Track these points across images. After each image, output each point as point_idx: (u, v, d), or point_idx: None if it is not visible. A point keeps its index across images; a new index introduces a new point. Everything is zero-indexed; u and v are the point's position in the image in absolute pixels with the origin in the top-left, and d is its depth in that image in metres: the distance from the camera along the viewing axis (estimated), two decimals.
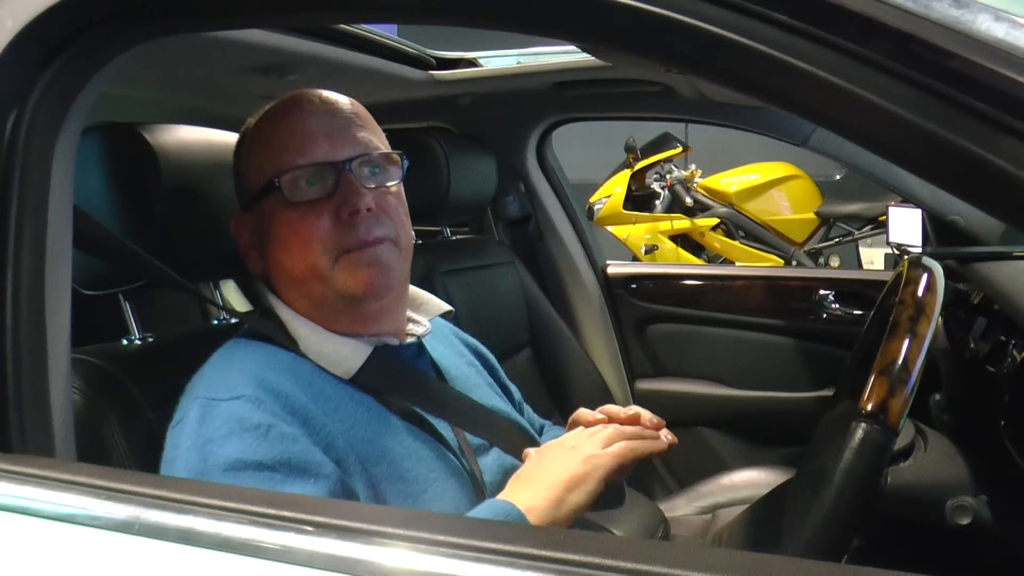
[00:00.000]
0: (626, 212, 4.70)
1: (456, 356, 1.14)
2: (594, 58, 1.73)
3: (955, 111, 0.52)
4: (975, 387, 1.33)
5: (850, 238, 4.64)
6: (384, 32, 1.70)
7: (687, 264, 4.26)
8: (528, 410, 1.28)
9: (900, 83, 0.53)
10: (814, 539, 0.81)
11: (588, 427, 0.96)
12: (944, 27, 0.52)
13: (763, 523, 1.25)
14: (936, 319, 0.92)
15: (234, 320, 1.15)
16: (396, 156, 0.99)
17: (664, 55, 0.66)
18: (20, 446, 0.76)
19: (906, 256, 1.24)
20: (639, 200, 4.83)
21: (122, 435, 0.93)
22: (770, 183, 4.86)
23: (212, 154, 1.08)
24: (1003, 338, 1.29)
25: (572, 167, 2.39)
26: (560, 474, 0.86)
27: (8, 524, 0.68)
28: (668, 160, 4.86)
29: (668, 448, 0.94)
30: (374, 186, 0.95)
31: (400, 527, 0.59)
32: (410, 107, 2.03)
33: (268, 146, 0.96)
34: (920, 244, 1.78)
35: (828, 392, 1.94)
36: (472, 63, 1.95)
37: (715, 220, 4.78)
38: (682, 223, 4.70)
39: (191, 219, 1.04)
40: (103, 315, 1.05)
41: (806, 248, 4.78)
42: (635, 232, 4.63)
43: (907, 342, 0.85)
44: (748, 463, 1.94)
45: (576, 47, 1.74)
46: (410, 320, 1.07)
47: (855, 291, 2.03)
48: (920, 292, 0.95)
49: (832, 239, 4.75)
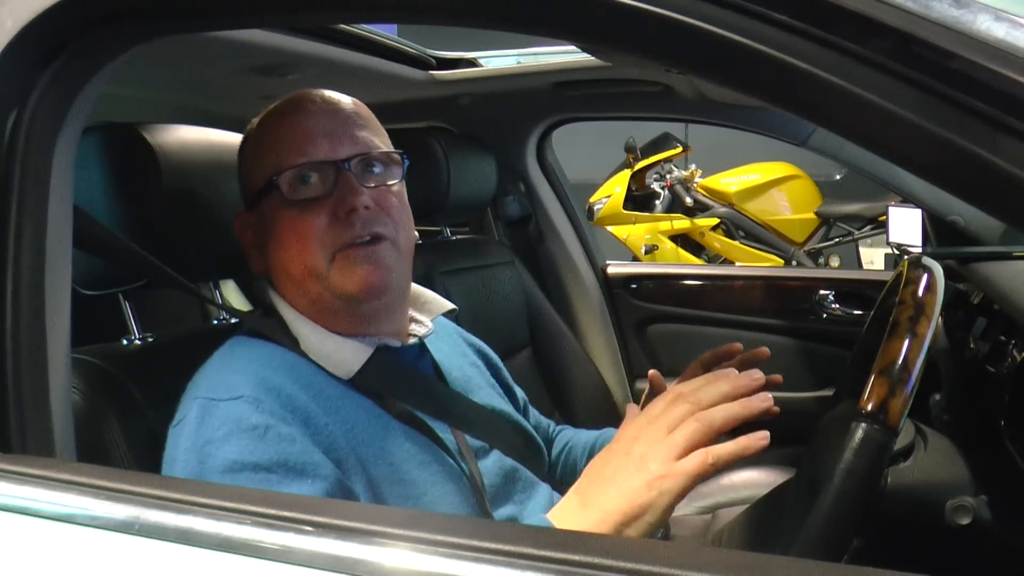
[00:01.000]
0: (626, 212, 4.70)
1: (458, 356, 1.13)
2: (594, 58, 1.74)
3: (955, 111, 0.52)
4: (975, 387, 1.33)
5: (850, 238, 4.63)
6: (384, 32, 1.70)
7: (687, 264, 4.26)
8: (534, 412, 1.27)
9: (900, 83, 0.53)
10: (814, 539, 0.81)
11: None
12: (944, 27, 0.52)
13: (763, 523, 1.25)
14: (936, 319, 0.92)
15: (234, 320, 1.15)
16: (397, 155, 0.98)
17: (664, 55, 0.66)
18: (20, 446, 0.76)
19: (906, 256, 1.24)
20: (639, 200, 4.83)
21: (122, 435, 0.93)
22: (770, 183, 4.86)
23: (212, 154, 1.08)
24: (1003, 338, 1.29)
25: (572, 167, 2.40)
26: (618, 502, 0.72)
27: (8, 524, 0.68)
28: (668, 160, 4.86)
29: (771, 411, 0.77)
30: (374, 185, 0.95)
31: (400, 527, 0.59)
32: (410, 107, 2.03)
33: (269, 145, 0.96)
34: (920, 244, 1.78)
35: (828, 392, 1.95)
36: (472, 63, 1.95)
37: (715, 220, 4.78)
38: (682, 223, 4.70)
39: (191, 219, 1.04)
40: (103, 315, 1.05)
41: (806, 248, 4.78)
42: (635, 232, 4.63)
43: (907, 342, 0.85)
44: (748, 463, 1.93)
45: (576, 47, 1.74)
46: (412, 320, 1.06)
47: (855, 291, 2.03)
48: (920, 292, 0.95)
49: (832, 239, 4.75)
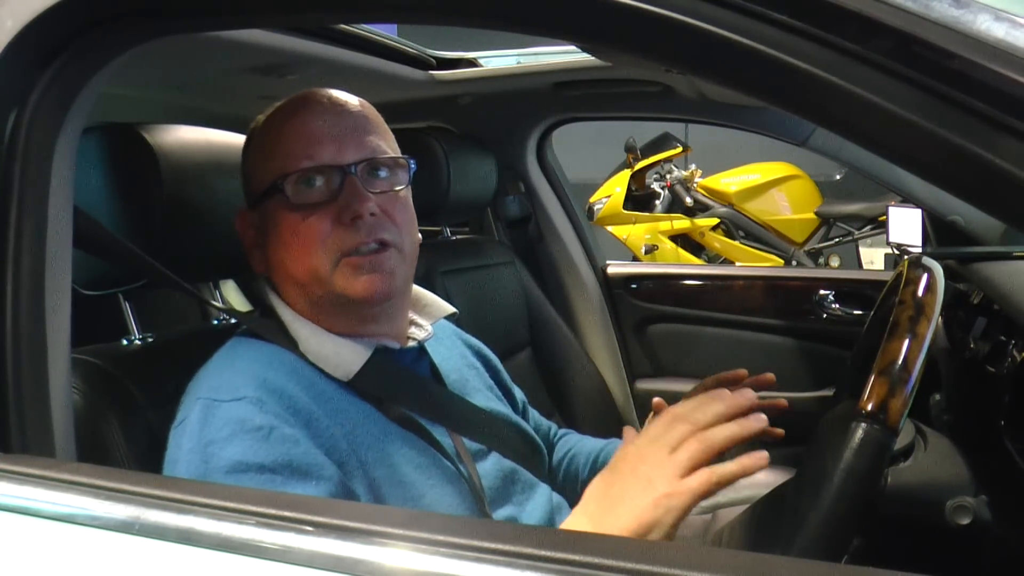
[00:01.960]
0: (626, 212, 4.70)
1: (457, 359, 1.13)
2: (594, 58, 1.74)
3: (955, 111, 0.52)
4: (975, 387, 1.33)
5: (850, 238, 4.63)
6: (384, 32, 1.70)
7: (687, 264, 4.26)
8: (533, 413, 1.27)
9: (900, 83, 0.53)
10: (814, 539, 0.81)
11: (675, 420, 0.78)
12: (944, 27, 0.52)
13: (763, 523, 1.25)
14: (936, 319, 0.92)
15: (234, 320, 1.15)
16: (404, 160, 0.98)
17: (664, 55, 0.66)
18: (20, 446, 0.76)
19: (906, 256, 1.24)
20: (639, 200, 4.83)
21: (122, 435, 0.93)
22: (770, 183, 4.86)
23: (212, 154, 1.08)
24: (1003, 338, 1.29)
25: (572, 167, 2.39)
26: (626, 520, 0.73)
27: (8, 524, 0.68)
28: (668, 160, 4.86)
29: (756, 429, 0.78)
30: (379, 191, 0.94)
31: (400, 527, 0.59)
32: (410, 107, 2.03)
33: (274, 146, 0.95)
34: (920, 244, 1.78)
35: (828, 392, 1.94)
36: (472, 63, 1.95)
37: (715, 220, 4.78)
38: (682, 223, 4.70)
39: (191, 219, 1.04)
40: (103, 315, 1.05)
41: (806, 248, 4.78)
42: (635, 232, 4.63)
43: (907, 342, 0.85)
44: None
45: (576, 47, 1.74)
46: (412, 323, 1.06)
47: (855, 291, 2.03)
48: (920, 292, 0.95)
49: (832, 239, 4.75)
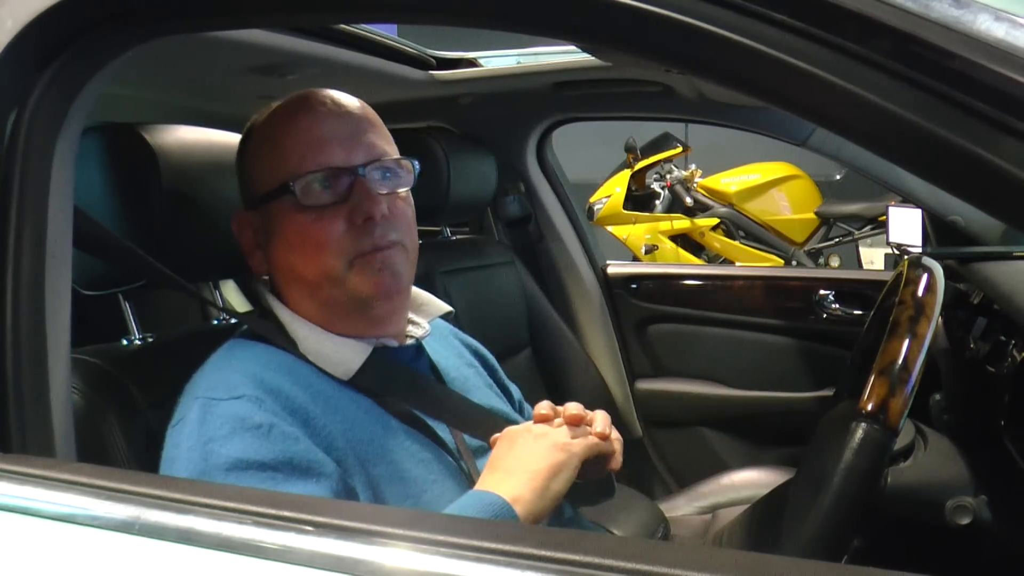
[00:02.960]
0: (626, 212, 4.69)
1: (455, 357, 1.14)
2: (594, 58, 1.73)
3: (955, 111, 0.52)
4: (975, 387, 1.33)
5: (850, 238, 4.64)
6: (384, 32, 1.70)
7: (687, 264, 4.26)
8: (529, 410, 1.27)
9: (900, 83, 0.53)
10: (814, 539, 0.81)
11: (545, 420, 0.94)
12: (944, 27, 0.52)
13: (763, 523, 1.26)
14: (936, 319, 0.92)
15: (233, 320, 1.15)
16: (408, 162, 0.98)
17: (664, 55, 0.66)
18: (20, 446, 0.76)
19: (906, 256, 1.24)
20: (639, 200, 4.83)
21: (122, 435, 0.93)
22: (770, 183, 4.86)
23: (212, 154, 1.08)
24: (1003, 338, 1.29)
25: (572, 167, 2.39)
26: (539, 462, 0.85)
27: (8, 524, 0.68)
28: (668, 160, 4.86)
29: (616, 460, 0.94)
30: (386, 192, 0.95)
31: (400, 527, 0.59)
32: (410, 107, 2.03)
33: (280, 148, 0.95)
34: (920, 244, 1.78)
35: (828, 392, 1.94)
36: (472, 63, 1.94)
37: (715, 220, 4.78)
38: (682, 223, 4.70)
39: (191, 219, 1.04)
40: (103, 315, 1.05)
41: (806, 248, 4.78)
42: (635, 232, 4.63)
43: (907, 342, 0.86)
44: (748, 463, 1.94)
45: (576, 47, 1.74)
46: (410, 322, 1.06)
47: (855, 291, 2.03)
48: (920, 292, 0.95)
49: (832, 239, 4.75)
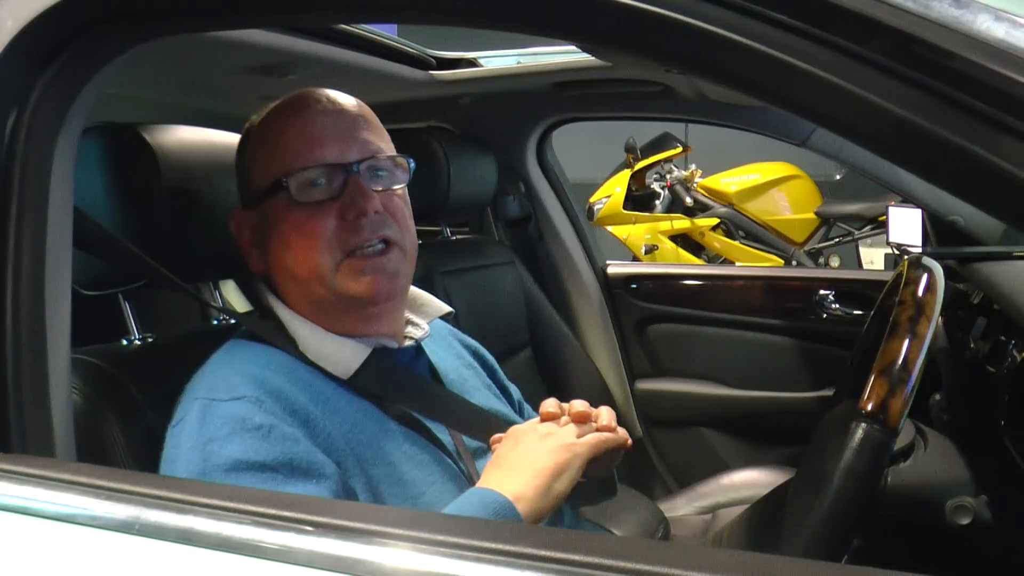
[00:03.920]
0: (626, 212, 4.69)
1: (454, 359, 1.13)
2: (594, 58, 1.73)
3: (955, 111, 0.52)
4: (975, 387, 1.33)
5: (850, 238, 4.63)
6: (384, 32, 1.70)
7: (687, 264, 4.26)
8: (529, 411, 1.27)
9: (900, 83, 0.53)
10: (814, 539, 0.81)
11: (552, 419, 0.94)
12: (944, 27, 0.52)
13: (763, 523, 1.26)
14: (936, 319, 0.92)
15: (233, 320, 1.15)
16: (403, 160, 0.99)
17: (664, 55, 0.66)
18: (20, 446, 0.76)
19: (906, 256, 1.24)
20: (639, 200, 4.83)
21: (122, 435, 0.93)
22: (770, 183, 4.86)
23: (212, 154, 1.08)
24: (1003, 338, 1.28)
25: (572, 167, 2.39)
26: (543, 462, 0.85)
27: (8, 524, 0.68)
28: (668, 160, 4.86)
29: (628, 444, 0.93)
30: (381, 189, 0.95)
31: (400, 527, 0.59)
32: (410, 107, 2.03)
33: (275, 145, 0.96)
34: (920, 244, 1.78)
35: (828, 392, 1.94)
36: (472, 63, 1.95)
37: (715, 220, 4.78)
38: (682, 223, 4.70)
39: (191, 219, 1.04)
40: (103, 315, 1.05)
41: (806, 248, 4.78)
42: (635, 232, 4.63)
43: (907, 342, 0.86)
44: (748, 463, 1.94)
45: (576, 47, 1.74)
46: (409, 323, 1.06)
47: (855, 291, 2.03)
48: (920, 292, 0.95)
49: (832, 239, 4.75)
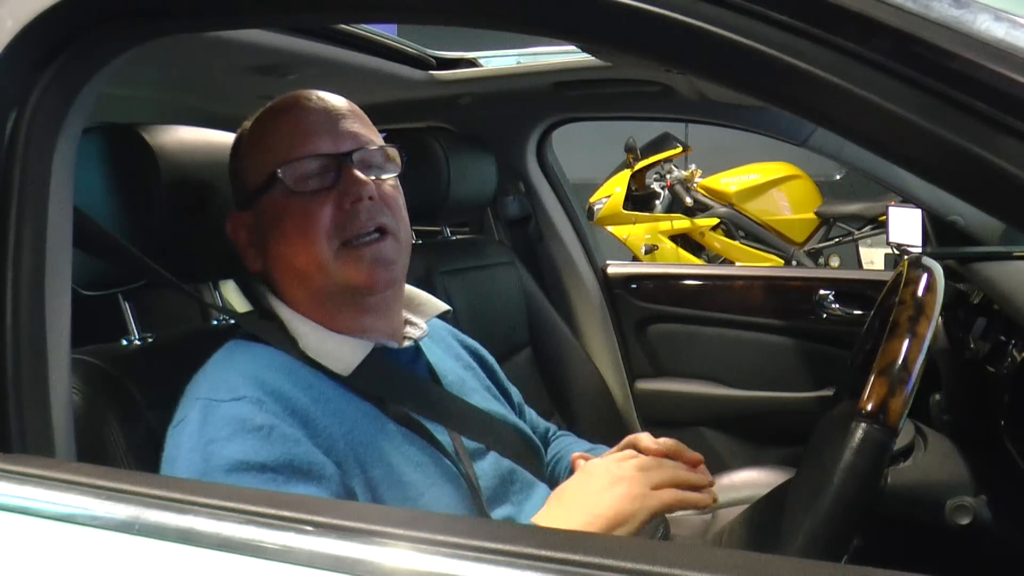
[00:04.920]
0: (626, 212, 4.69)
1: (453, 359, 1.14)
2: (594, 58, 1.73)
3: (955, 111, 0.52)
4: (975, 387, 1.33)
5: (850, 238, 4.63)
6: (384, 32, 1.70)
7: (687, 264, 4.26)
8: (531, 413, 1.27)
9: (900, 83, 0.53)
10: (814, 539, 0.81)
11: (641, 455, 0.91)
12: (944, 27, 0.52)
13: (763, 523, 1.25)
14: (936, 319, 0.92)
15: (233, 321, 1.15)
16: (393, 151, 1.00)
17: (664, 55, 0.66)
18: (20, 446, 0.76)
19: (906, 256, 1.24)
20: (639, 200, 4.83)
21: (122, 435, 0.93)
22: (770, 183, 4.86)
23: (212, 154, 1.08)
24: (1003, 338, 1.29)
25: (572, 167, 2.39)
26: (604, 509, 0.82)
27: (8, 524, 0.68)
28: (668, 160, 4.86)
29: (713, 503, 0.89)
30: (374, 178, 0.96)
31: (400, 527, 0.59)
32: (410, 107, 2.03)
33: (269, 142, 0.97)
34: (920, 244, 1.78)
35: (828, 392, 1.95)
36: (472, 63, 1.95)
37: (715, 220, 4.78)
38: (682, 223, 4.70)
39: (191, 219, 1.04)
40: (103, 315, 1.05)
41: (806, 248, 4.78)
42: (635, 232, 4.63)
43: (907, 342, 0.86)
44: (748, 463, 1.94)
45: (576, 47, 1.74)
46: (407, 323, 1.06)
47: (855, 291, 2.03)
48: (920, 292, 0.95)
49: (832, 239, 4.75)
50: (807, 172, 4.92)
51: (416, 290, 1.11)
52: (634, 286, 2.23)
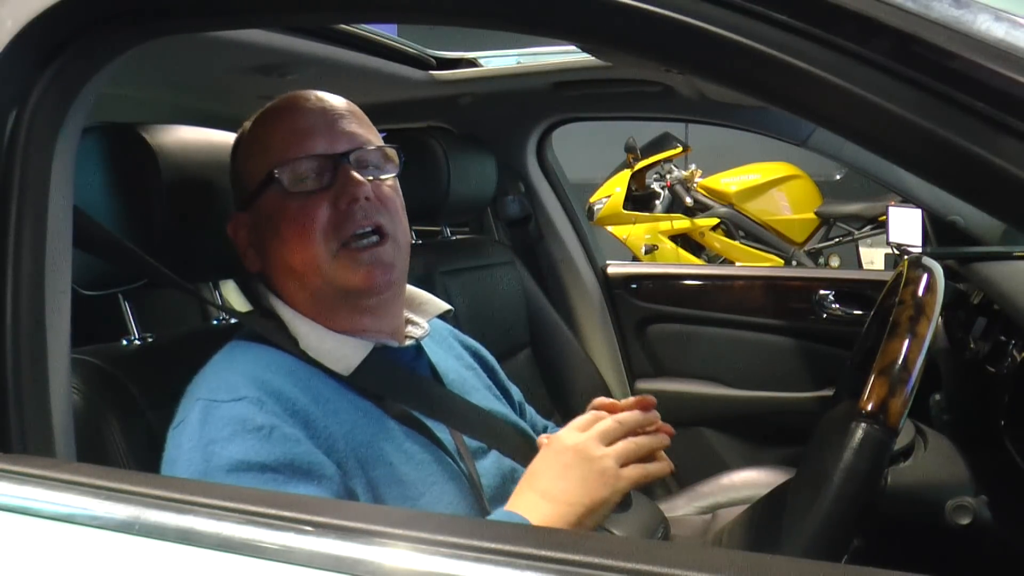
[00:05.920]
0: (626, 212, 4.70)
1: (454, 359, 1.14)
2: (594, 58, 1.73)
3: (955, 111, 0.52)
4: (975, 387, 1.33)
5: (850, 238, 4.63)
6: (384, 32, 1.70)
7: (687, 264, 4.26)
8: (531, 412, 1.27)
9: (900, 83, 0.53)
10: (814, 539, 0.81)
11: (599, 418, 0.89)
12: (944, 27, 0.52)
13: (763, 523, 1.25)
14: (936, 319, 0.92)
15: (234, 320, 1.15)
16: (391, 151, 1.00)
17: (664, 55, 0.66)
18: (20, 446, 0.76)
19: (906, 256, 1.24)
20: (639, 200, 4.83)
21: (122, 435, 0.93)
22: (770, 183, 4.86)
23: (212, 154, 1.08)
24: (1003, 338, 1.29)
25: (572, 167, 2.39)
26: (581, 496, 0.83)
27: (8, 524, 0.68)
28: (668, 160, 4.86)
29: (669, 442, 0.89)
30: (371, 179, 0.96)
31: (400, 527, 0.59)
32: (410, 107, 2.03)
33: (266, 142, 0.97)
34: (920, 244, 1.78)
35: (828, 392, 1.94)
36: (472, 63, 1.95)
37: (715, 220, 4.78)
38: (682, 223, 4.70)
39: (191, 219, 1.04)
40: (103, 315, 1.05)
41: (806, 248, 4.78)
42: (635, 232, 4.63)
43: (907, 342, 0.86)
44: (748, 463, 1.94)
45: (576, 47, 1.74)
46: (408, 322, 1.06)
47: (855, 291, 2.03)
48: (920, 292, 0.95)
49: (832, 239, 4.75)
50: (807, 172, 4.92)
51: (417, 290, 1.11)
52: (634, 286, 2.23)
